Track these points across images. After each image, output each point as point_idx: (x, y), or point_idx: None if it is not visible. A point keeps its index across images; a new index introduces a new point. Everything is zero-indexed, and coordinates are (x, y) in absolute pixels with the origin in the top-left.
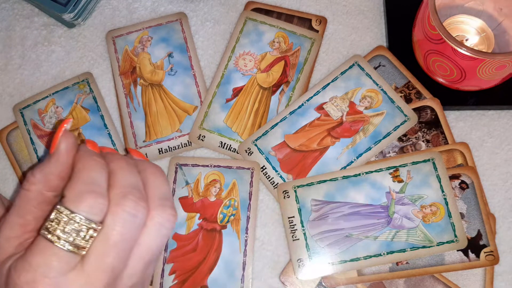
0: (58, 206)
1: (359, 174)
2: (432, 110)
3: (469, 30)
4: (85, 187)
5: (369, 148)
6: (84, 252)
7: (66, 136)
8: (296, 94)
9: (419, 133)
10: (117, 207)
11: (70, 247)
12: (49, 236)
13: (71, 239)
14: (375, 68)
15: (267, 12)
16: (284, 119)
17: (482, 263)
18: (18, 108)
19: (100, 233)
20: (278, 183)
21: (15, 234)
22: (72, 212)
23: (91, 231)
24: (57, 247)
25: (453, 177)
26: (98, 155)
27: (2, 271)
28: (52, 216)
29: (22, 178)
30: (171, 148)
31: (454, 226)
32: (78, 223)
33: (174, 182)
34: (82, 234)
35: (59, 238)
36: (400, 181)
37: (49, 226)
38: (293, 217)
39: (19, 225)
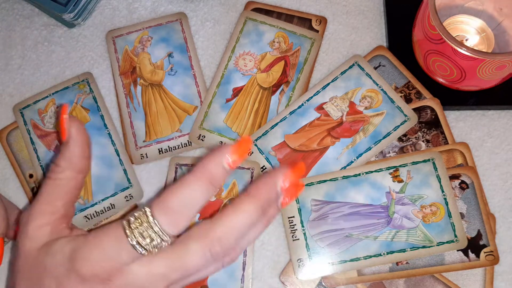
0: (146, 209)
1: (359, 174)
2: (432, 110)
3: (469, 30)
4: (178, 206)
5: (369, 148)
6: (146, 254)
7: (71, 120)
8: (296, 94)
9: (419, 133)
10: (209, 246)
11: (139, 246)
12: (127, 228)
13: (143, 240)
14: (375, 68)
15: (267, 12)
16: (284, 119)
17: (482, 263)
18: (18, 108)
19: (179, 251)
20: None
21: (46, 221)
22: (153, 219)
23: (161, 242)
24: (129, 241)
25: (453, 177)
26: (226, 171)
27: (50, 251)
28: (137, 214)
29: (23, 179)
30: (171, 148)
31: (454, 226)
32: (155, 232)
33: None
34: (153, 241)
35: (134, 234)
36: (400, 181)
37: (130, 220)
38: (293, 217)
39: (49, 212)
